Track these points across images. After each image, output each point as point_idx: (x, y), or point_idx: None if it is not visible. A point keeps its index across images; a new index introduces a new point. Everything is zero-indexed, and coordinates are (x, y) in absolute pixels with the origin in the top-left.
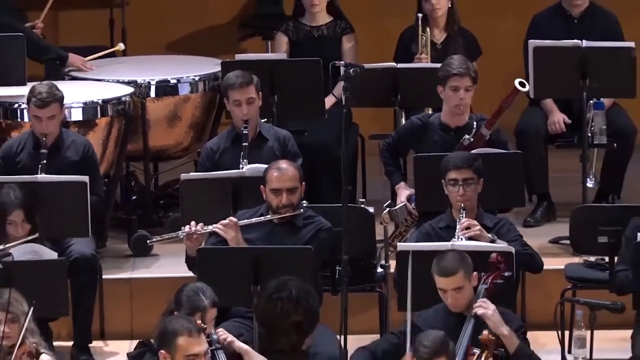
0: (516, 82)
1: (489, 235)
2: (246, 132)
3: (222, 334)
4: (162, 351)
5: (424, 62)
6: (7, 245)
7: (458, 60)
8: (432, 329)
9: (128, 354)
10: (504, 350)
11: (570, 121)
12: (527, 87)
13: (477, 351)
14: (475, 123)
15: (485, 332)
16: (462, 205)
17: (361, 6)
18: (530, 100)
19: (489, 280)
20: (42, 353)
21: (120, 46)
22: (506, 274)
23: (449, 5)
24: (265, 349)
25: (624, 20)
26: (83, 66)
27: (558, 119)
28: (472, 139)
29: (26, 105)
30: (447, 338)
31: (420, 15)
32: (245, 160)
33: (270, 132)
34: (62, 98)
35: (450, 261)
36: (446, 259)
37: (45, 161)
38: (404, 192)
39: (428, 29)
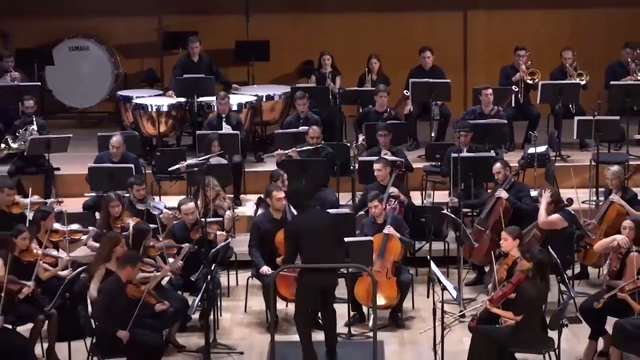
0: (404, 91)
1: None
2: (302, 116)
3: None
4: (267, 199)
5: (368, 87)
6: (208, 156)
7: (382, 85)
8: (371, 189)
9: (255, 203)
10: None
11: (412, 110)
12: (408, 93)
13: (393, 200)
14: (388, 109)
15: (402, 196)
16: (383, 144)
17: (348, 62)
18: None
19: (396, 171)
20: (225, 199)
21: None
22: (403, 169)
23: (378, 66)
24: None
25: (448, 70)
26: (235, 89)
27: (409, 107)
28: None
29: (215, 102)
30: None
31: (367, 69)
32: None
33: (310, 115)
34: (229, 98)
35: (384, 159)
36: (382, 159)
37: (223, 123)
38: (361, 137)
39: (370, 74)
